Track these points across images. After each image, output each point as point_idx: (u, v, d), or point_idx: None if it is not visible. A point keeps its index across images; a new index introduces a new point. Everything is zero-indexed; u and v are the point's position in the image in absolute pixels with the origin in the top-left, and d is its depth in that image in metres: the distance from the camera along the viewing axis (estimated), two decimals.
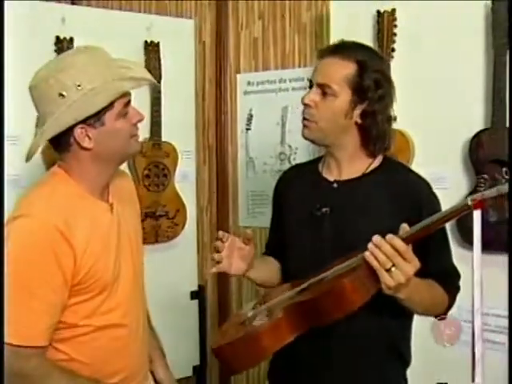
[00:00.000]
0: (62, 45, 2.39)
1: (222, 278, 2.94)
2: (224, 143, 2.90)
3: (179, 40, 2.80)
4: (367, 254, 1.36)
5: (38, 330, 1.42)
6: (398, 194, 1.60)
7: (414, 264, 1.36)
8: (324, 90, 1.57)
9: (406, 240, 1.35)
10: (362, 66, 1.57)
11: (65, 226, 1.42)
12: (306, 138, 1.65)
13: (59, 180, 1.52)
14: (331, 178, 1.67)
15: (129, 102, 1.51)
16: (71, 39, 2.41)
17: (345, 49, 1.59)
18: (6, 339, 1.37)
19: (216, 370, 3.00)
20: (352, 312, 1.35)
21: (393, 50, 2.30)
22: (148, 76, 1.55)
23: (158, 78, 2.61)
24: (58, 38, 2.40)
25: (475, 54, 2.16)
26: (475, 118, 2.16)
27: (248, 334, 1.42)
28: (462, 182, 2.22)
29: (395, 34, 2.30)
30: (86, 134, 1.47)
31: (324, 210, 1.62)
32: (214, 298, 2.98)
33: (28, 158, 1.50)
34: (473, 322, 1.88)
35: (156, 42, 2.64)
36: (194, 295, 2.89)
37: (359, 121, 1.59)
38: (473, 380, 1.39)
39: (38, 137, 1.48)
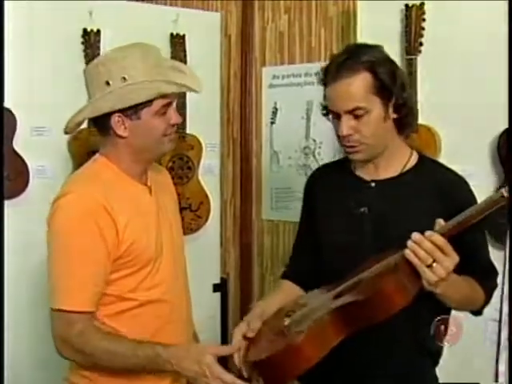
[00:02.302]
0: (89, 37, 2.41)
1: (245, 271, 2.95)
2: (248, 137, 2.89)
3: (205, 33, 2.79)
4: (407, 251, 1.35)
5: (83, 296, 1.50)
6: (436, 193, 1.58)
7: (454, 258, 1.36)
8: (355, 113, 1.52)
9: (444, 235, 1.34)
10: (372, 68, 1.52)
11: (107, 202, 1.51)
12: (356, 161, 1.62)
13: (100, 164, 1.61)
14: (368, 178, 1.64)
15: (170, 103, 1.58)
16: (98, 31, 2.42)
17: (347, 63, 1.52)
18: (53, 305, 1.49)
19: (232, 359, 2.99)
20: (396, 312, 1.34)
21: (421, 44, 2.26)
22: (192, 83, 1.59)
23: None
24: (85, 30, 2.41)
25: (503, 50, 2.10)
26: (504, 114, 2.10)
27: (297, 341, 1.36)
28: (489, 179, 2.17)
29: (423, 29, 2.26)
30: (122, 122, 1.55)
31: (362, 209, 1.60)
32: (236, 290, 2.98)
33: (67, 132, 1.63)
34: (499, 333, 1.89)
35: (182, 34, 2.64)
36: (216, 288, 2.89)
37: (395, 116, 1.56)
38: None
39: (75, 114, 1.59)
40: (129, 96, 1.51)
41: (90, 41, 2.40)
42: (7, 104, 2.25)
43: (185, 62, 2.61)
